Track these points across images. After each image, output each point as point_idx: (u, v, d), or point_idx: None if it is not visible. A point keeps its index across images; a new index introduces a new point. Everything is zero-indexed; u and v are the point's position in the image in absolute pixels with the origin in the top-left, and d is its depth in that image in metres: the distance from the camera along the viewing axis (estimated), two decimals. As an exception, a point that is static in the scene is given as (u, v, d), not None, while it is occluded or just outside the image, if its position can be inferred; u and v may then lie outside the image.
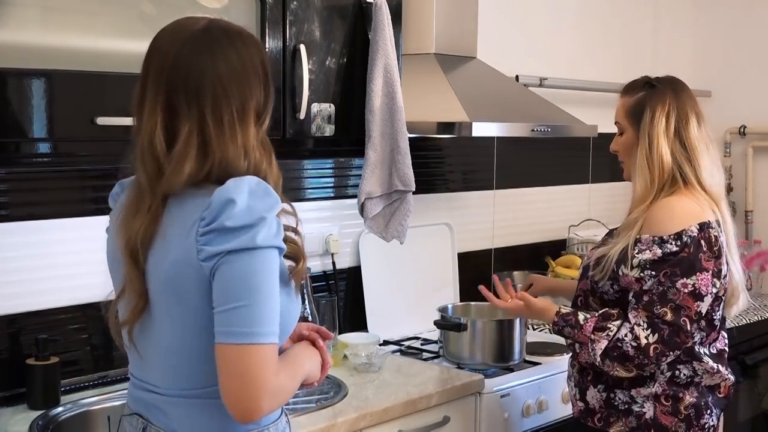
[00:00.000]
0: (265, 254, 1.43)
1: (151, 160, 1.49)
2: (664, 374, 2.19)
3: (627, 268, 2.16)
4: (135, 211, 1.51)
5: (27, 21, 1.92)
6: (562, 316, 2.25)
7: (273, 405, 1.46)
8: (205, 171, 1.48)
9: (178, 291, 1.47)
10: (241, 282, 1.41)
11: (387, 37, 2.50)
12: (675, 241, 2.13)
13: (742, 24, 4.41)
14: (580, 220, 3.85)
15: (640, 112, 2.26)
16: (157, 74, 1.50)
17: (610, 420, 2.24)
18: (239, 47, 1.53)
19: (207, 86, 1.48)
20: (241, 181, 1.44)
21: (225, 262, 1.41)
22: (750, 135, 4.38)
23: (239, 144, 1.49)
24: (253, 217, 1.42)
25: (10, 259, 2.26)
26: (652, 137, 2.22)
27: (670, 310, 2.11)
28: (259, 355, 1.41)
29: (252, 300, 1.41)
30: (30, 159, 2.19)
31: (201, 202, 1.45)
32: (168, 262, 1.47)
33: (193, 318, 1.47)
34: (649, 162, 2.22)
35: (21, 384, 2.22)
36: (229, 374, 1.41)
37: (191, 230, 1.44)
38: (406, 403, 2.39)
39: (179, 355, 1.51)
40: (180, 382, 1.53)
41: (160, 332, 1.52)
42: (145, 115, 1.50)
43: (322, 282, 2.96)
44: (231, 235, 1.41)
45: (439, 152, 3.35)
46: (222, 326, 1.41)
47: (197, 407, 1.52)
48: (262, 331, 1.41)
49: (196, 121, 1.48)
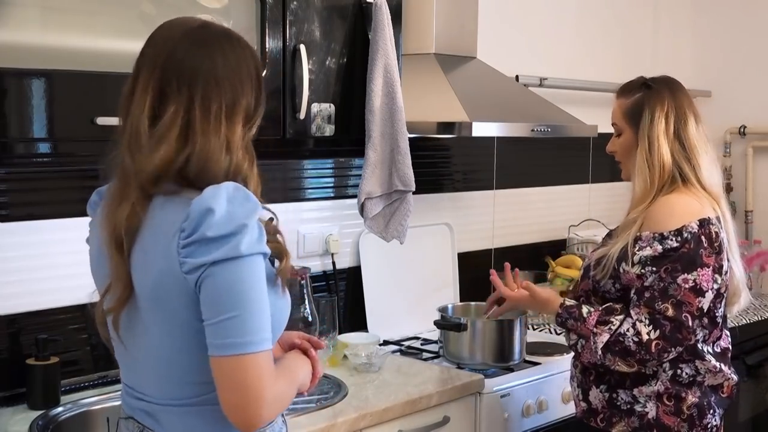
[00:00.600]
0: (250, 261, 1.40)
1: (136, 142, 1.46)
2: (666, 372, 2.19)
3: (628, 265, 2.16)
4: (119, 202, 1.48)
5: (27, 21, 1.92)
6: (566, 308, 2.25)
7: (273, 412, 1.46)
8: (182, 158, 1.45)
9: (164, 303, 1.45)
10: (229, 293, 1.39)
11: (387, 37, 2.50)
12: (675, 237, 2.13)
13: (742, 24, 4.41)
14: (580, 220, 3.85)
15: (639, 113, 2.26)
16: (151, 66, 1.48)
17: (613, 420, 2.24)
18: (236, 47, 1.52)
19: (200, 76, 1.46)
20: (219, 189, 1.41)
21: (210, 274, 1.39)
22: (750, 135, 4.38)
23: (222, 137, 1.47)
24: (234, 224, 1.39)
25: (10, 259, 2.26)
26: (652, 138, 2.23)
27: (672, 306, 2.11)
28: (255, 363, 1.40)
29: (242, 310, 1.39)
30: (30, 159, 2.19)
31: (181, 210, 1.42)
32: (154, 271, 1.44)
33: (180, 330, 1.45)
34: (650, 163, 2.22)
35: (21, 384, 2.22)
36: (228, 387, 1.41)
37: (172, 241, 1.41)
38: (406, 403, 2.39)
39: (169, 366, 1.49)
40: (172, 391, 1.51)
41: (149, 342, 1.50)
42: (134, 104, 1.48)
43: (322, 282, 2.96)
44: (213, 245, 1.38)
45: (439, 152, 3.35)
46: (215, 339, 1.40)
47: (191, 414, 1.51)
48: (255, 339, 1.40)
49: (183, 104, 1.45)
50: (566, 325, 2.25)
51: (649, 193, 2.21)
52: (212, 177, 1.45)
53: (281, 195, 2.80)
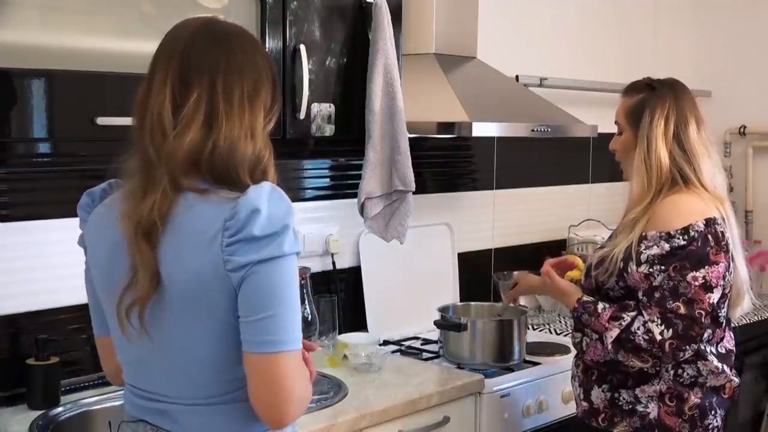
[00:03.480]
0: (290, 261, 1.43)
1: (159, 132, 1.45)
2: (668, 372, 2.19)
3: (634, 264, 2.16)
4: (142, 196, 1.46)
5: (27, 21, 1.92)
6: (582, 303, 2.24)
7: (300, 409, 1.49)
8: (210, 144, 1.45)
9: (200, 301, 1.44)
10: (270, 291, 1.41)
11: (387, 37, 2.50)
12: (682, 236, 2.13)
13: (742, 24, 4.41)
14: (580, 220, 3.85)
15: (639, 114, 2.26)
16: (168, 60, 1.48)
17: (614, 420, 2.24)
18: (253, 43, 1.54)
19: (221, 64, 1.47)
20: (261, 189, 1.42)
21: (254, 272, 1.40)
22: (750, 135, 4.38)
23: (246, 122, 1.47)
24: (278, 225, 1.41)
25: (10, 259, 2.26)
26: (650, 139, 2.23)
27: (683, 304, 2.10)
28: (288, 361, 1.43)
29: (280, 309, 1.41)
30: (30, 159, 2.19)
31: (220, 210, 1.42)
32: (190, 268, 1.43)
33: (219, 330, 1.45)
34: (647, 164, 2.23)
35: (21, 384, 2.22)
36: (261, 382, 1.43)
37: (214, 240, 1.41)
38: (406, 403, 2.39)
39: (201, 364, 1.49)
40: (199, 390, 1.50)
41: (178, 341, 1.48)
42: (152, 98, 1.47)
43: (322, 282, 2.95)
44: (259, 244, 1.40)
45: (439, 152, 3.35)
46: (251, 336, 1.42)
47: (217, 413, 1.50)
48: (289, 338, 1.42)
49: (206, 91, 1.46)
50: (581, 320, 2.24)
51: (646, 194, 2.22)
52: (238, 164, 1.46)
53: (281, 195, 2.80)
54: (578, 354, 2.33)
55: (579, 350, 2.30)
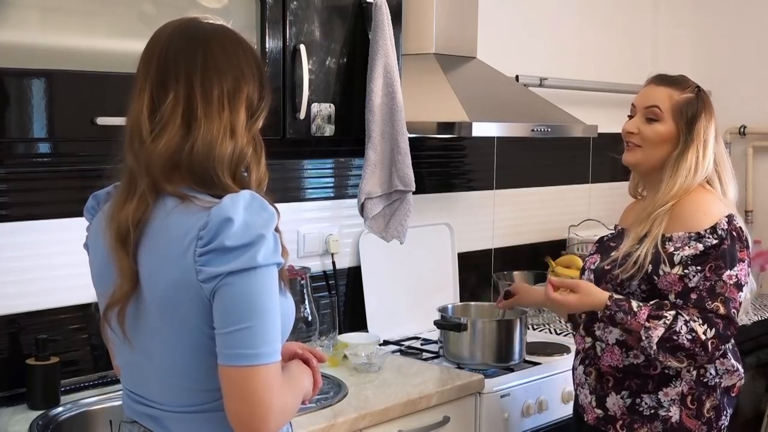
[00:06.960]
0: (266, 272, 1.39)
1: (137, 139, 1.45)
2: (690, 372, 2.17)
3: (667, 266, 2.13)
4: (124, 201, 1.46)
5: (27, 21, 1.92)
6: (615, 300, 2.14)
7: (280, 423, 1.45)
8: (188, 145, 1.43)
9: (175, 309, 1.43)
10: (244, 303, 1.38)
11: (387, 37, 2.50)
12: (712, 235, 2.13)
13: (742, 24, 4.41)
14: (580, 220, 3.85)
15: (694, 115, 2.23)
16: (147, 63, 1.47)
17: (634, 426, 2.20)
18: (232, 38, 1.51)
19: (198, 64, 1.45)
20: (237, 198, 1.40)
21: (226, 284, 1.37)
22: (750, 135, 4.38)
23: (225, 121, 1.45)
24: (252, 235, 1.38)
25: (10, 259, 2.26)
26: (707, 143, 2.22)
27: (722, 304, 2.09)
28: (265, 375, 1.39)
29: (255, 321, 1.38)
30: (30, 159, 2.19)
31: (197, 218, 1.40)
32: (166, 277, 1.42)
33: (197, 339, 1.43)
34: (701, 166, 2.21)
35: (21, 384, 2.22)
36: (236, 397, 1.40)
37: (188, 249, 1.39)
38: (406, 403, 2.39)
39: (179, 373, 1.48)
40: (181, 398, 1.50)
41: (157, 348, 1.48)
42: (134, 102, 1.46)
43: (322, 282, 2.95)
44: (231, 255, 1.37)
45: (439, 152, 3.35)
46: (225, 348, 1.39)
47: (201, 421, 1.50)
48: (266, 351, 1.39)
49: (183, 89, 1.44)
50: (615, 318, 2.14)
51: (682, 193, 2.19)
52: (217, 164, 1.43)
53: (281, 195, 2.80)
54: (589, 361, 2.28)
55: (591, 356, 2.26)
